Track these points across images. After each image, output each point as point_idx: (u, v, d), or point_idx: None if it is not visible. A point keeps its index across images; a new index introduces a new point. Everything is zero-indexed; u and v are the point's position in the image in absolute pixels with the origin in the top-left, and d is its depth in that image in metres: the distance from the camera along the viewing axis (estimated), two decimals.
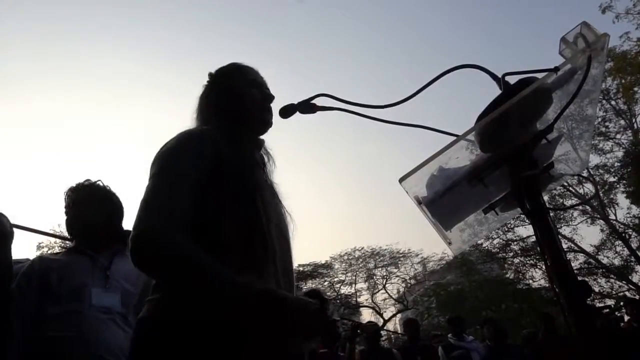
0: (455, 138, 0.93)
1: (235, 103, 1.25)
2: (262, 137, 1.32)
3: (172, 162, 1.06)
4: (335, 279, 18.46)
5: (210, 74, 1.34)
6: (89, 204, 1.93)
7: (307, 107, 1.11)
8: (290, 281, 1.13)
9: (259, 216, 1.07)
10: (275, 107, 1.27)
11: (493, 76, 0.99)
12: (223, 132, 1.17)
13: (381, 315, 18.27)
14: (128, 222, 2.28)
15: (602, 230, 15.10)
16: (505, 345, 4.76)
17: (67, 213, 1.95)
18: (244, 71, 1.32)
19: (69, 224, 1.95)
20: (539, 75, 0.88)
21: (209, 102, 1.29)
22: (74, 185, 1.98)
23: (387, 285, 18.73)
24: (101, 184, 1.99)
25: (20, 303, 1.64)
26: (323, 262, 17.91)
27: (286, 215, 1.23)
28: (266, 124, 1.29)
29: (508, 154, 0.94)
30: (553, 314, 5.02)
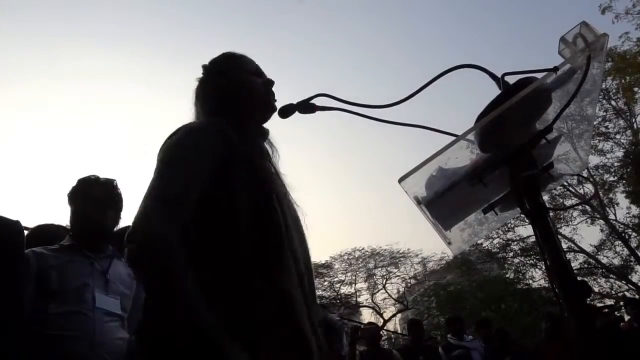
0: (454, 138, 0.93)
1: (238, 91, 1.22)
2: (266, 127, 1.28)
3: (177, 156, 1.03)
4: (335, 279, 18.45)
5: (204, 66, 1.30)
6: (102, 203, 1.88)
7: (306, 107, 1.11)
8: (310, 275, 1.12)
9: (275, 209, 1.05)
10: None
11: (492, 76, 0.99)
12: (229, 122, 1.13)
13: (381, 315, 18.27)
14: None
15: (601, 230, 15.09)
16: (506, 345, 4.75)
17: (71, 207, 1.87)
18: (240, 59, 1.30)
19: (72, 219, 1.87)
20: (539, 75, 0.88)
21: (209, 94, 1.25)
22: (88, 178, 1.90)
23: (387, 285, 18.73)
24: (116, 184, 1.94)
25: None
26: (323, 262, 17.91)
27: (296, 206, 1.21)
28: (272, 108, 1.25)
29: (508, 154, 0.95)
30: (554, 313, 5.01)
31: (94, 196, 1.86)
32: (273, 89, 1.29)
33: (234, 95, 1.21)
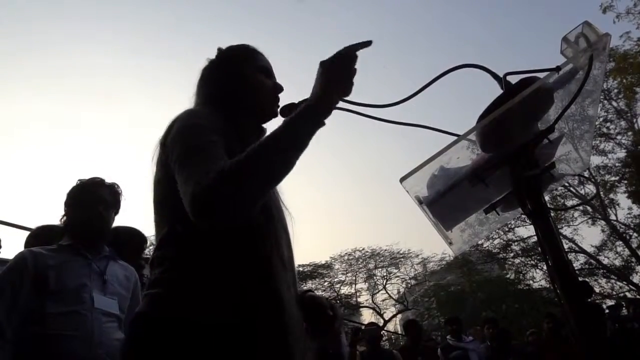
0: (456, 138, 0.93)
1: (243, 87, 1.18)
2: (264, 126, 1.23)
3: (192, 136, 0.98)
4: (335, 279, 18.44)
5: (219, 49, 1.25)
6: (110, 205, 1.90)
7: None
8: (293, 276, 1.11)
9: (262, 211, 1.02)
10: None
11: (494, 76, 0.99)
12: (224, 114, 1.09)
13: (381, 315, 18.26)
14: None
15: (602, 231, 15.08)
16: (508, 345, 4.74)
17: (72, 208, 1.88)
18: (256, 55, 1.25)
19: (72, 219, 1.87)
20: (541, 75, 0.88)
21: (213, 80, 1.20)
22: (97, 180, 1.92)
23: (387, 286, 18.74)
24: (117, 186, 1.95)
25: (11, 300, 1.61)
26: (323, 262, 17.90)
27: (284, 208, 1.20)
28: (273, 116, 1.21)
29: (509, 154, 0.94)
30: (555, 314, 5.00)
31: (103, 198, 1.88)
32: (280, 95, 1.24)
33: (238, 90, 1.17)
